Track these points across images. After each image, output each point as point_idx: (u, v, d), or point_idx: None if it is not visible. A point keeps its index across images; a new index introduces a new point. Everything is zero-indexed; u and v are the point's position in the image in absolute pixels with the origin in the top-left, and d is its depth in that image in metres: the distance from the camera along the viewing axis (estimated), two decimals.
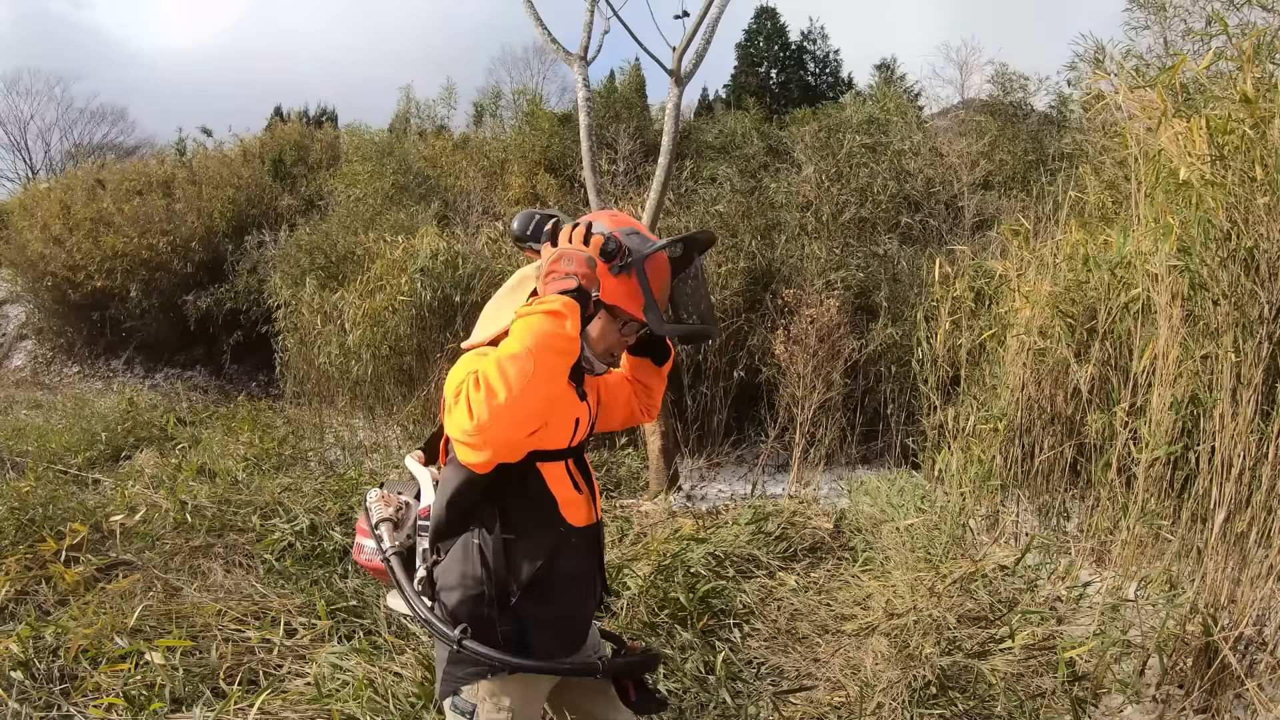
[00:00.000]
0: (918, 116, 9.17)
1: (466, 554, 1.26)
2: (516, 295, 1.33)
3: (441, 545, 1.29)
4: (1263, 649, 2.35)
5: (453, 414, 1.11)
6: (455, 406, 1.11)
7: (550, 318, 1.13)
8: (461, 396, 1.10)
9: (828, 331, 5.19)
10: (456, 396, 1.12)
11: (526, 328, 1.12)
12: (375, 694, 2.22)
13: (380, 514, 1.38)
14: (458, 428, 1.10)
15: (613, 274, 1.26)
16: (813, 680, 2.60)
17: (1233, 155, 2.55)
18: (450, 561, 1.28)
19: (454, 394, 1.14)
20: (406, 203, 8.92)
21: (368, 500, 1.42)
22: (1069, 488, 3.80)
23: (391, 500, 1.42)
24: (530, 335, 1.11)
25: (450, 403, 1.15)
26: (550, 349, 1.11)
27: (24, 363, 11.85)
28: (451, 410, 1.12)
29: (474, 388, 1.08)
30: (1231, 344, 2.50)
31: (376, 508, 1.40)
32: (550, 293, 1.17)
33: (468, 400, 1.08)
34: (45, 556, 3.21)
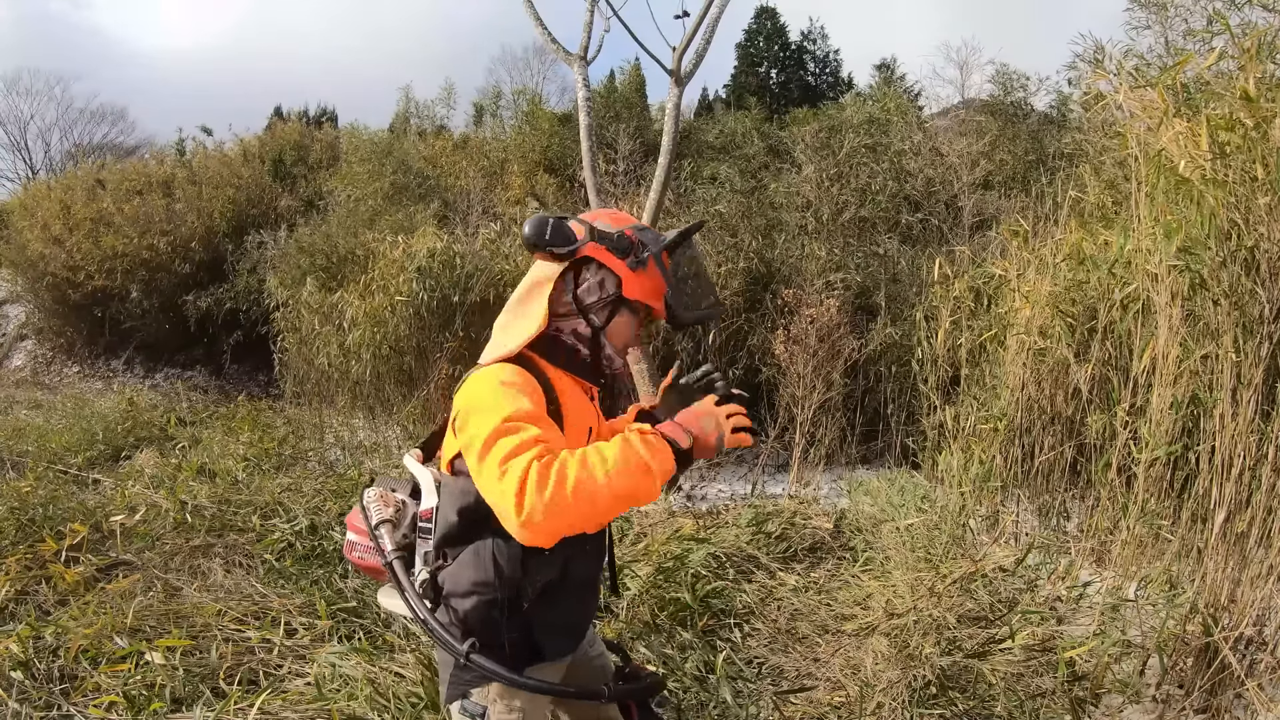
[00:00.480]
0: (918, 116, 9.17)
1: (479, 560, 1.25)
2: (530, 304, 1.30)
3: (449, 550, 1.28)
4: (1263, 649, 2.35)
5: (494, 483, 1.07)
6: (500, 479, 1.06)
7: (651, 477, 1.09)
8: (512, 481, 1.05)
9: (827, 331, 5.19)
10: (501, 466, 1.07)
11: (629, 468, 1.08)
12: (376, 694, 2.22)
13: (380, 515, 1.37)
14: (497, 504, 1.07)
15: (632, 269, 1.28)
16: (813, 680, 2.60)
17: (1234, 155, 2.55)
18: (460, 567, 1.26)
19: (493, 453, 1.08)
20: (406, 203, 8.93)
21: (365, 499, 1.40)
22: (1069, 488, 3.80)
23: (390, 500, 1.40)
24: (627, 480, 1.07)
25: (477, 453, 1.11)
26: (633, 499, 1.09)
27: (24, 363, 11.86)
28: (489, 473, 1.08)
29: (538, 487, 1.03)
30: (1232, 344, 2.50)
31: (375, 508, 1.38)
32: (674, 435, 1.14)
33: (522, 490, 1.04)
34: (45, 556, 3.21)
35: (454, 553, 1.28)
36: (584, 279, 1.30)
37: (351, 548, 1.42)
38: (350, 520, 1.44)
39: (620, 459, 1.08)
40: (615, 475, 1.07)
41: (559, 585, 1.28)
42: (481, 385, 1.20)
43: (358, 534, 1.41)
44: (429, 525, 1.31)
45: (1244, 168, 2.49)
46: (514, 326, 1.29)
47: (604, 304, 1.30)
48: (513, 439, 1.09)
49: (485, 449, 1.10)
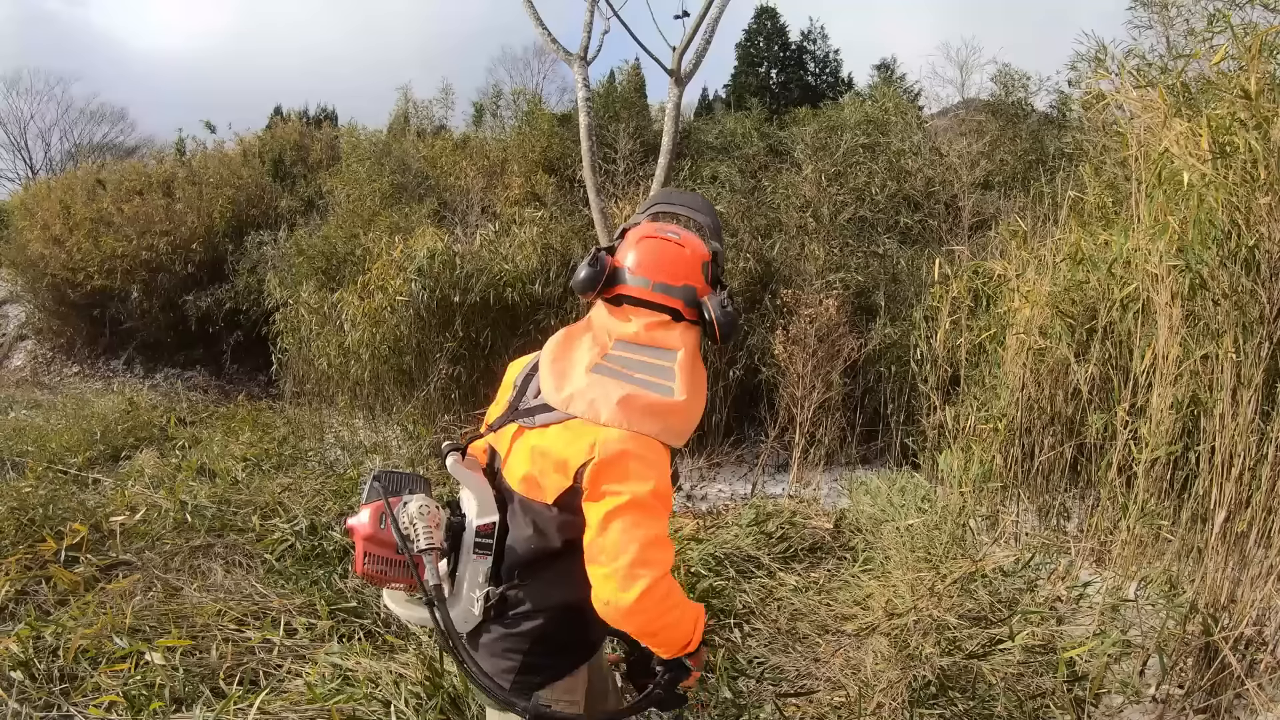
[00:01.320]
0: (917, 116, 9.16)
1: (571, 579, 1.23)
2: (698, 379, 1.29)
3: (524, 573, 1.28)
4: (1263, 649, 2.35)
5: (623, 561, 1.15)
6: (638, 568, 1.15)
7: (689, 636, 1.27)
8: (650, 575, 1.15)
9: (827, 331, 5.19)
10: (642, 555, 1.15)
11: (689, 625, 1.26)
12: (376, 694, 2.22)
13: (429, 540, 1.23)
14: (613, 574, 1.16)
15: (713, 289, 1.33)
16: (813, 680, 2.59)
17: (1234, 155, 2.55)
18: (548, 585, 1.27)
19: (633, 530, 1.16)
20: (405, 203, 8.92)
21: (410, 513, 1.25)
22: (1069, 488, 3.80)
23: (437, 519, 1.27)
24: (681, 629, 1.25)
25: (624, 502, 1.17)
26: (666, 634, 1.24)
27: (24, 363, 11.85)
28: (626, 550, 1.15)
29: (663, 599, 1.17)
30: (1232, 344, 2.50)
31: (424, 530, 1.24)
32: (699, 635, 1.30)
33: (651, 593, 1.15)
34: (45, 556, 3.21)
35: (530, 574, 1.27)
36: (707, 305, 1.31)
37: (371, 561, 1.27)
38: (363, 530, 1.27)
39: (690, 624, 1.26)
40: (683, 631, 1.25)
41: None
42: (630, 440, 1.19)
43: (379, 547, 1.26)
44: (489, 540, 1.27)
45: (1245, 168, 2.49)
46: (698, 402, 1.27)
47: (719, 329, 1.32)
48: (657, 527, 1.18)
49: (624, 510, 1.16)
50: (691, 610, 1.26)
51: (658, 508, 1.18)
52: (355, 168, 9.87)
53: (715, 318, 1.28)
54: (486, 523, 1.28)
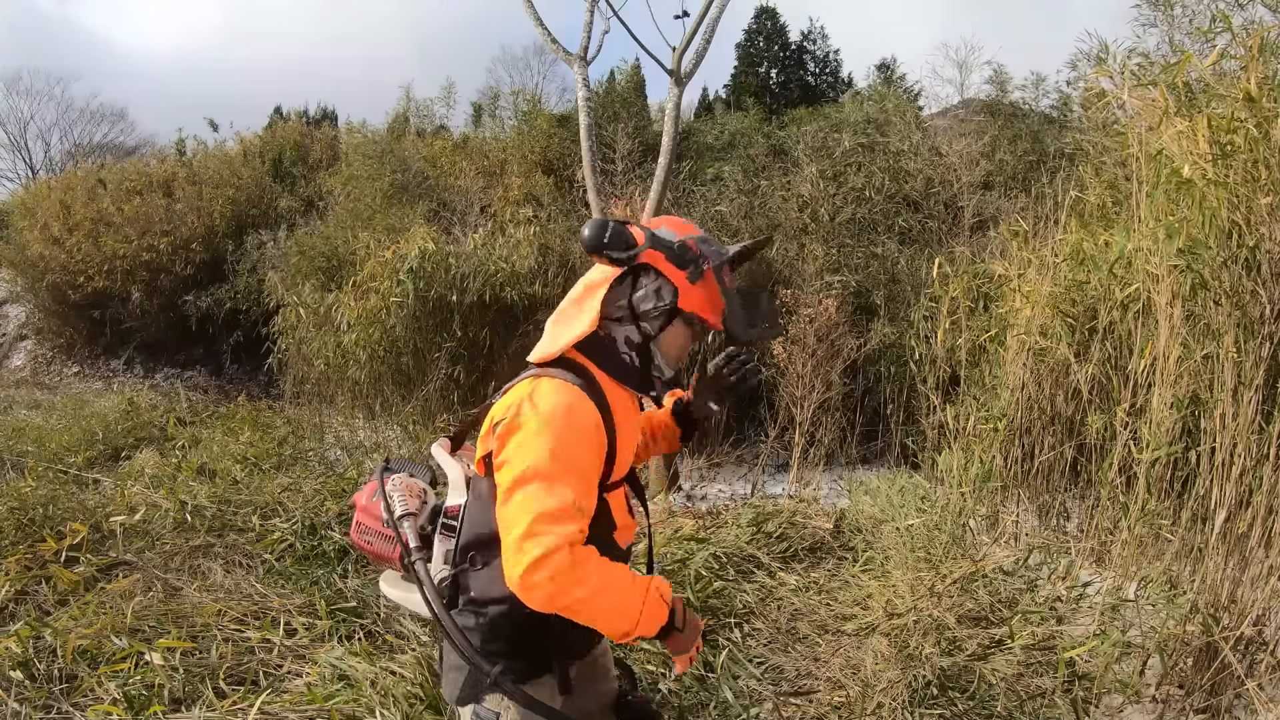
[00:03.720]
0: (917, 116, 9.15)
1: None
2: (584, 304, 1.28)
3: (480, 554, 1.24)
4: (1263, 649, 2.35)
5: (517, 531, 1.10)
6: (527, 540, 1.09)
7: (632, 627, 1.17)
8: (542, 544, 1.08)
9: (826, 331, 5.19)
10: (530, 527, 1.09)
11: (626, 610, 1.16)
12: (376, 694, 2.22)
13: (404, 507, 1.30)
14: (509, 549, 1.11)
15: (690, 280, 1.25)
16: (813, 680, 2.59)
17: (1235, 154, 2.55)
18: (494, 573, 1.22)
19: (521, 498, 1.11)
20: (406, 202, 8.92)
21: (389, 485, 1.34)
22: (1069, 488, 3.80)
23: (415, 490, 1.34)
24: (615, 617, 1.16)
25: (505, 487, 1.13)
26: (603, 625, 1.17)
27: (24, 363, 11.86)
28: (515, 514, 1.11)
29: (559, 573, 1.08)
30: (1233, 344, 2.50)
31: (400, 498, 1.32)
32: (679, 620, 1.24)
33: (543, 563, 1.07)
34: (45, 556, 3.21)
35: (485, 556, 1.24)
36: (641, 285, 1.28)
37: (360, 531, 1.37)
38: (360, 501, 1.38)
39: (626, 600, 1.16)
40: (615, 608, 1.15)
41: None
42: (542, 402, 1.17)
43: (369, 518, 1.36)
44: (454, 523, 1.28)
45: (1246, 168, 2.49)
46: (566, 325, 1.27)
47: (658, 313, 1.27)
48: (553, 499, 1.11)
49: (520, 482, 1.12)
50: (628, 591, 1.16)
51: (560, 478, 1.12)
52: (356, 168, 9.87)
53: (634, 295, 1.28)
54: (453, 504, 1.28)
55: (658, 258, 1.25)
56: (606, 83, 12.30)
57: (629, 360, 1.28)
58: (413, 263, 6.22)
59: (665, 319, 1.27)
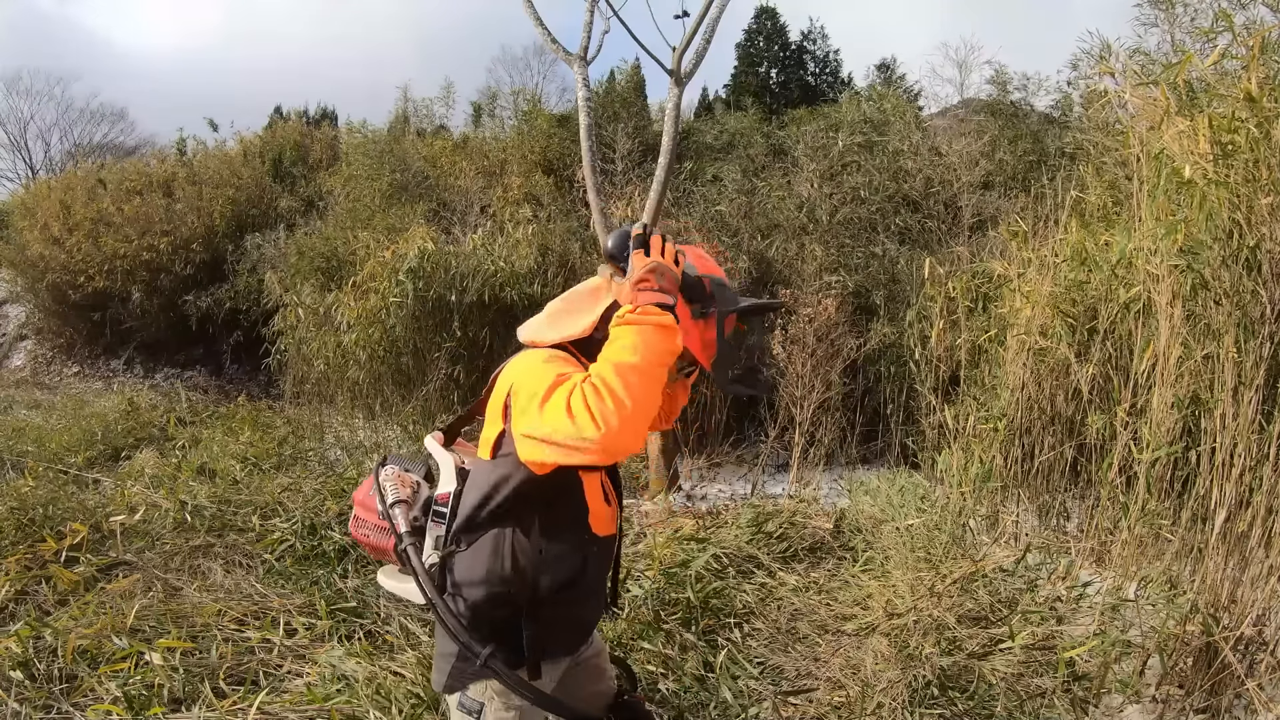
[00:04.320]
0: (916, 116, 9.15)
1: (497, 552, 1.25)
2: (585, 306, 1.31)
3: (465, 537, 1.27)
4: (1263, 649, 2.35)
5: (563, 419, 1.08)
6: (569, 413, 1.08)
7: (662, 332, 1.14)
8: (578, 403, 1.08)
9: (826, 331, 5.20)
10: (566, 401, 1.09)
11: (643, 339, 1.13)
12: (376, 694, 2.22)
13: (396, 495, 1.34)
14: (572, 435, 1.08)
15: (693, 318, 1.26)
16: (813, 680, 2.59)
17: (1236, 154, 2.54)
18: (476, 557, 1.26)
19: (554, 398, 1.11)
20: (405, 202, 8.92)
21: (381, 477, 1.37)
22: (1069, 488, 3.80)
23: (406, 480, 1.38)
24: (648, 348, 1.12)
25: (538, 404, 1.12)
26: (663, 363, 1.13)
27: (24, 363, 11.86)
28: (555, 413, 1.09)
29: (596, 396, 1.07)
30: (1233, 344, 2.50)
31: (391, 487, 1.35)
32: (647, 303, 1.17)
33: (589, 408, 1.06)
34: (45, 556, 3.21)
35: (469, 540, 1.26)
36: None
37: (358, 525, 1.40)
38: (358, 497, 1.42)
39: (637, 335, 1.13)
40: (645, 349, 1.11)
41: (574, 584, 1.28)
42: (528, 361, 1.23)
43: (366, 511, 1.39)
44: (444, 509, 1.30)
45: (1247, 168, 2.49)
46: (563, 320, 1.31)
47: None
48: (567, 384, 1.12)
49: (545, 399, 1.12)
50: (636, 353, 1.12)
51: (564, 377, 1.14)
52: (356, 167, 9.87)
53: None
54: (444, 492, 1.31)
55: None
56: (606, 83, 12.31)
57: None
58: (412, 263, 6.22)
59: None
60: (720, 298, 1.28)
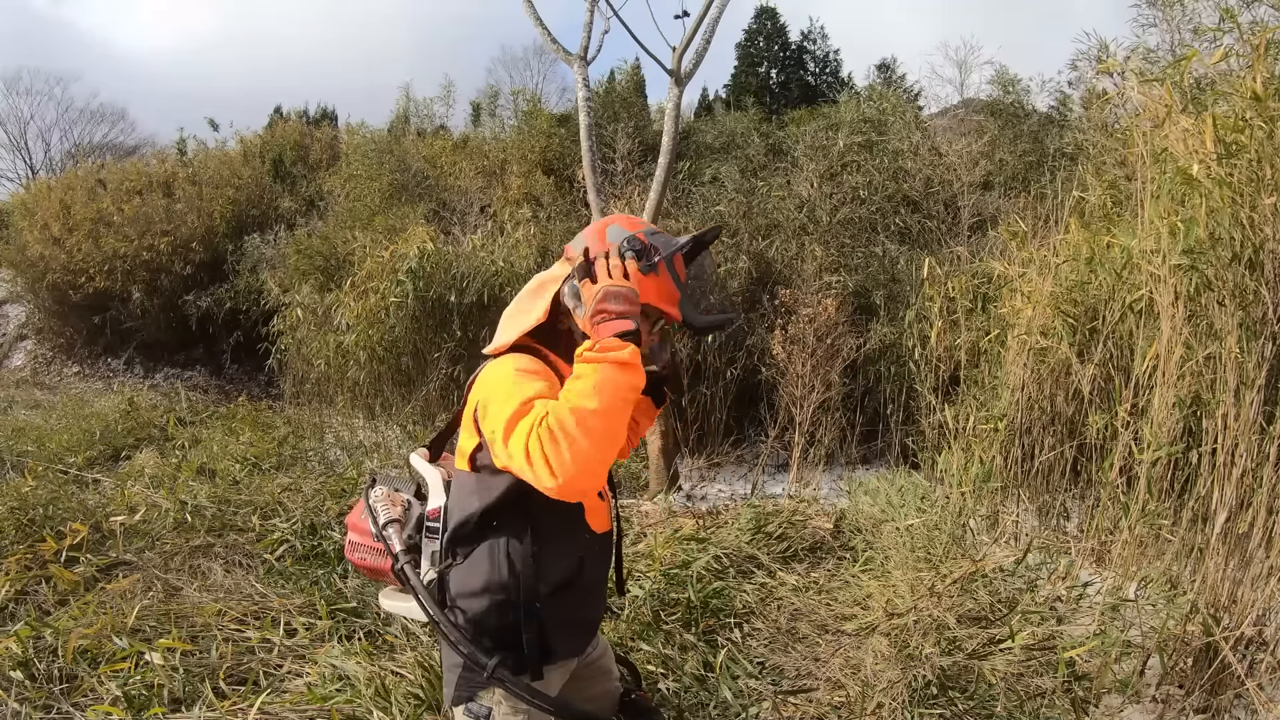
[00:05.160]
0: (916, 116, 9.14)
1: (493, 560, 1.25)
2: (536, 300, 1.32)
3: (460, 549, 1.27)
4: (1263, 649, 2.35)
5: (523, 462, 1.09)
6: (527, 459, 1.08)
7: (623, 369, 1.12)
8: (536, 450, 1.07)
9: (826, 331, 5.19)
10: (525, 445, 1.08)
11: (603, 378, 1.10)
12: (377, 694, 2.22)
13: (388, 514, 1.35)
14: (536, 481, 1.08)
15: (643, 274, 1.26)
16: (813, 680, 2.59)
17: (1240, 153, 2.54)
18: (472, 567, 1.26)
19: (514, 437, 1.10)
20: (405, 202, 8.92)
21: (371, 498, 1.38)
22: (1069, 488, 3.80)
23: (397, 500, 1.39)
24: (610, 388, 1.10)
25: (501, 439, 1.12)
26: (626, 401, 1.11)
27: (24, 363, 11.85)
28: (516, 454, 1.10)
29: (553, 443, 1.06)
30: (1236, 344, 2.49)
31: (383, 508, 1.36)
32: (606, 335, 1.15)
33: (546, 457, 1.06)
34: (45, 556, 3.21)
35: (464, 551, 1.27)
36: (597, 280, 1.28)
37: (353, 549, 1.40)
38: (351, 521, 1.42)
39: (595, 375, 1.10)
40: (605, 390, 1.09)
41: (572, 584, 1.28)
42: (496, 374, 1.22)
43: (360, 535, 1.39)
44: (437, 524, 1.31)
45: (1252, 167, 2.48)
46: (516, 318, 1.31)
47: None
48: (527, 420, 1.11)
49: (507, 433, 1.12)
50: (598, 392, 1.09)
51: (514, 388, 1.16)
52: (356, 168, 9.87)
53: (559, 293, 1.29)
54: (434, 507, 1.32)
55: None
56: (606, 83, 12.30)
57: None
58: (412, 263, 6.22)
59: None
60: (660, 244, 1.28)
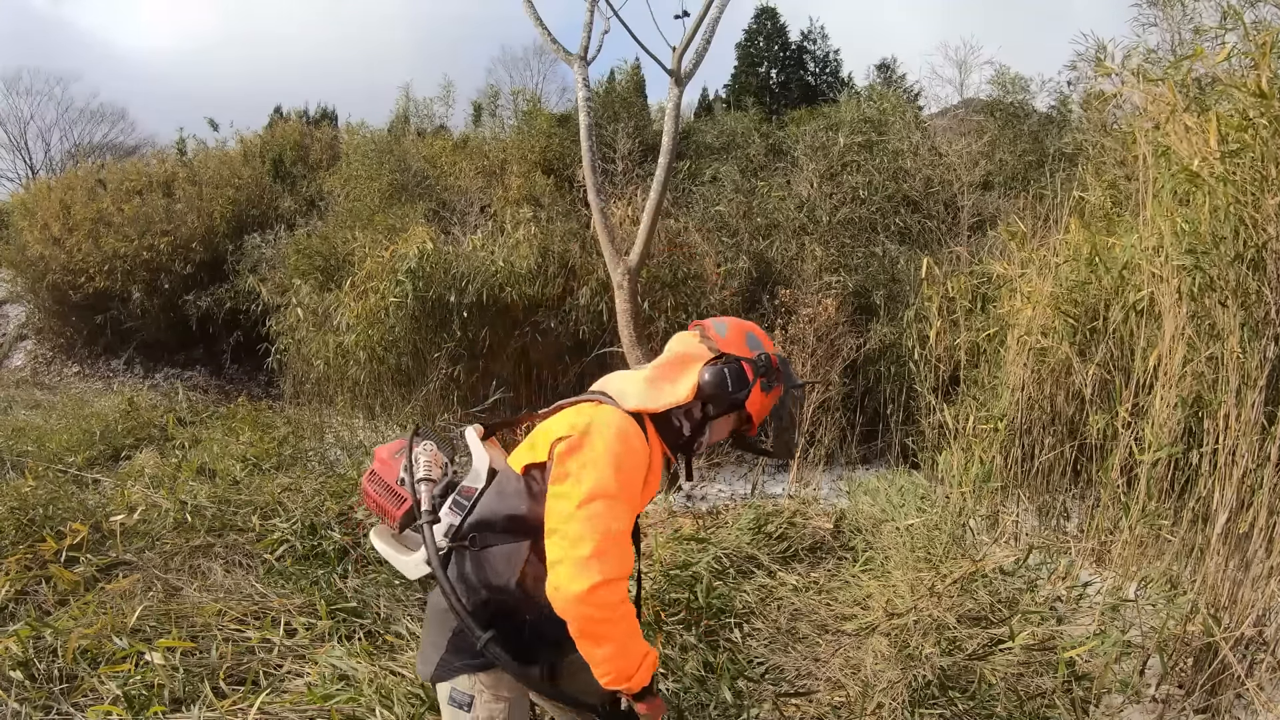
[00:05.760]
0: (916, 116, 9.14)
1: (509, 566, 1.29)
2: (683, 375, 1.39)
3: (478, 537, 1.30)
4: (1263, 649, 2.35)
5: (577, 546, 1.17)
6: (590, 558, 1.16)
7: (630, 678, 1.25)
8: (603, 568, 1.16)
9: (826, 331, 5.20)
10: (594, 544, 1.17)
11: (635, 658, 1.24)
12: (377, 694, 2.22)
13: (426, 472, 1.36)
14: (566, 559, 1.17)
15: (762, 390, 1.41)
16: (813, 680, 2.59)
17: (1244, 152, 2.53)
18: (486, 562, 1.30)
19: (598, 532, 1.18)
20: (405, 202, 8.92)
21: (418, 449, 1.40)
22: (1069, 488, 3.80)
23: (440, 462, 1.40)
24: (624, 660, 1.23)
25: (574, 505, 1.19)
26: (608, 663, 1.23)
27: (24, 363, 11.84)
28: (581, 539, 1.17)
29: (609, 602, 1.17)
30: (1238, 344, 2.49)
31: (426, 463, 1.38)
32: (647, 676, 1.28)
33: (601, 588, 1.16)
34: (45, 556, 3.20)
35: (483, 540, 1.30)
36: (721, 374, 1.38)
37: (372, 478, 1.42)
38: (382, 452, 1.45)
39: (637, 651, 1.24)
40: (631, 653, 1.23)
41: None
42: (608, 428, 1.27)
43: (385, 469, 1.41)
44: (466, 503, 1.34)
45: (1257, 166, 2.47)
46: (663, 388, 1.37)
47: (726, 402, 1.39)
48: (617, 522, 1.20)
49: (590, 498, 1.19)
50: (641, 643, 1.25)
51: (621, 499, 1.22)
52: (356, 168, 9.86)
53: (703, 376, 1.39)
54: (471, 486, 1.35)
55: (746, 359, 1.42)
56: (606, 83, 12.31)
57: (679, 426, 1.41)
58: (412, 263, 6.21)
59: (728, 408, 1.41)
60: (786, 374, 1.46)
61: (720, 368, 1.37)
